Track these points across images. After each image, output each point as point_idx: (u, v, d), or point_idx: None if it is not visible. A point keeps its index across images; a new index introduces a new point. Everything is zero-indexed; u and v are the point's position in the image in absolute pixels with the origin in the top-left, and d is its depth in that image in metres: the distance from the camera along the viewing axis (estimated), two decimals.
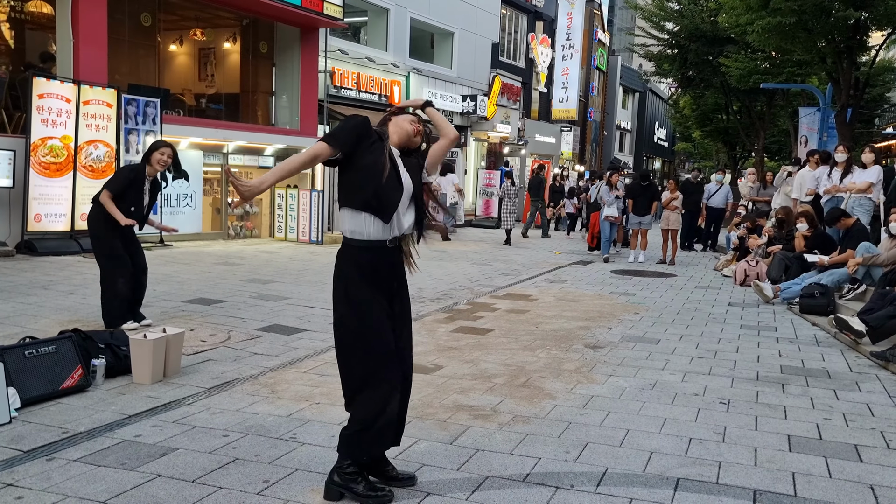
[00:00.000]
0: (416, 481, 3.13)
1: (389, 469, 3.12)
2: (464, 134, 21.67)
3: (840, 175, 9.56)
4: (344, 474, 2.95)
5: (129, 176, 5.80)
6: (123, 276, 5.73)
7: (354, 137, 2.91)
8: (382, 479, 3.09)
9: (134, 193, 5.78)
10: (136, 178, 5.80)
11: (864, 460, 3.59)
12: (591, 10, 33.23)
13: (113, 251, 5.75)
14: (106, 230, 5.72)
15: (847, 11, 15.10)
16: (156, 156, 5.80)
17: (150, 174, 5.86)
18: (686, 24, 25.93)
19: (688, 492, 3.15)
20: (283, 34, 14.74)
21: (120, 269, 5.73)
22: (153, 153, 5.81)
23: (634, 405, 4.38)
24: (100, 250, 5.79)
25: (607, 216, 12.82)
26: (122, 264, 5.75)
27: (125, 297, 5.74)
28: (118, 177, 5.88)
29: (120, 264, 5.74)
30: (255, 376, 4.69)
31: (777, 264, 9.42)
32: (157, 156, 5.80)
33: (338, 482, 2.95)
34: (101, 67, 10.75)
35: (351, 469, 2.94)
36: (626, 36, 43.79)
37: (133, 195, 5.77)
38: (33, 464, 3.21)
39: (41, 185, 9.82)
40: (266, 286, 8.22)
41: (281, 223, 13.88)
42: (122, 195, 5.71)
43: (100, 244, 5.78)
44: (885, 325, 5.90)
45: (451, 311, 7.36)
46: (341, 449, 2.97)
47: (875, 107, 30.44)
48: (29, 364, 3.97)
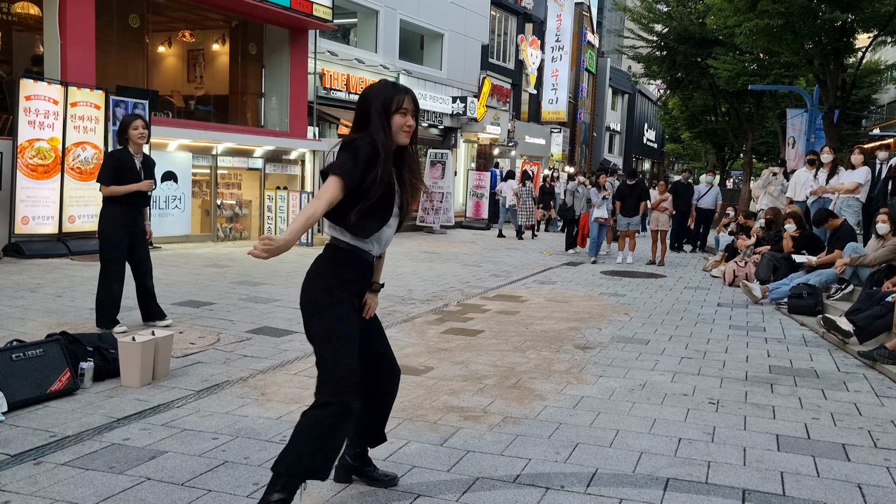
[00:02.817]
0: (397, 481, 3.14)
1: (370, 469, 3.13)
2: (453, 135, 21.68)
3: (826, 176, 9.63)
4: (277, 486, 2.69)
5: (115, 159, 5.71)
6: (119, 280, 5.73)
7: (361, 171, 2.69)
8: (365, 479, 3.11)
9: (129, 175, 5.69)
10: (123, 159, 5.69)
11: (852, 459, 3.62)
12: (581, 11, 33.33)
13: (114, 254, 5.74)
14: (114, 232, 5.72)
15: (834, 13, 15.21)
16: (131, 132, 5.65)
17: (136, 151, 5.74)
18: (674, 26, 26.05)
19: (677, 492, 3.16)
20: (273, 36, 14.71)
21: (117, 273, 5.73)
22: (127, 130, 5.66)
23: (624, 406, 4.39)
24: (103, 251, 5.78)
25: (597, 217, 12.86)
26: (120, 268, 5.75)
27: (117, 300, 5.74)
28: (105, 166, 5.77)
29: (118, 268, 5.74)
30: (245, 379, 4.67)
31: (765, 265, 9.47)
32: (132, 132, 5.65)
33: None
34: (88, 69, 10.70)
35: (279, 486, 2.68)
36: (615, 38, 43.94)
37: (129, 177, 5.69)
38: (21, 468, 3.18)
39: (28, 188, 9.75)
40: (255, 288, 8.20)
41: (270, 225, 13.83)
42: (118, 180, 5.64)
43: (105, 244, 5.78)
44: (873, 325, 5.95)
45: (441, 312, 7.36)
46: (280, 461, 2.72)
47: (862, 108, 30.69)
48: (16, 367, 3.93)
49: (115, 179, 5.64)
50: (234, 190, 13.76)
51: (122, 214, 5.73)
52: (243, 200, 13.90)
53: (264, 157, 13.98)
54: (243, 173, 13.81)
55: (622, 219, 12.84)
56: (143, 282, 5.91)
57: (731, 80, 22.42)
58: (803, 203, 10.44)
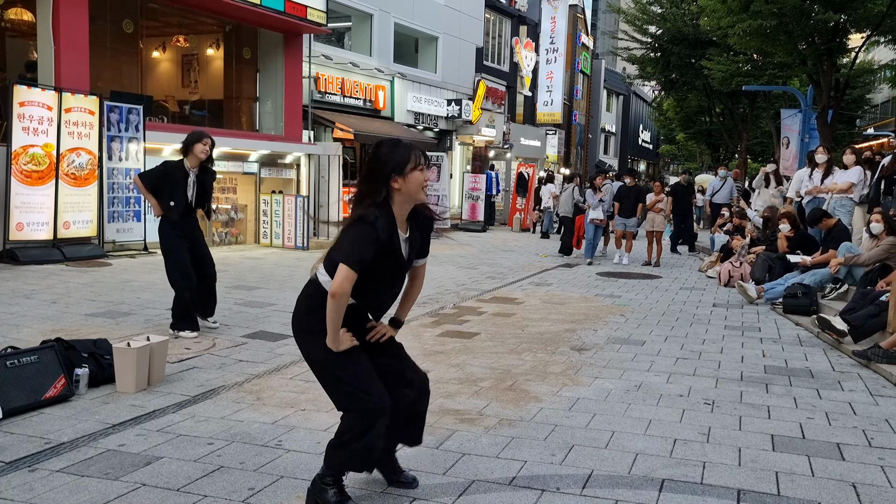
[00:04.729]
0: (416, 484, 3.17)
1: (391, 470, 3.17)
2: (449, 138, 21.70)
3: (821, 176, 9.67)
4: (320, 482, 2.92)
5: (161, 169, 5.82)
6: (190, 286, 5.83)
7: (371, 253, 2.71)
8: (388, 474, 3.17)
9: (169, 186, 5.77)
10: (170, 171, 5.79)
11: (847, 458, 3.63)
12: (575, 13, 33.37)
13: (176, 261, 5.83)
14: (168, 240, 5.83)
15: (826, 14, 15.28)
16: (198, 147, 5.77)
17: (193, 165, 5.83)
18: (668, 28, 26.15)
19: (673, 492, 3.17)
20: (267, 40, 14.71)
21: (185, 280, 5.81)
22: (195, 144, 5.77)
23: (620, 407, 4.40)
24: (167, 262, 5.89)
25: (592, 219, 12.88)
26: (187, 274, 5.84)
27: (192, 307, 5.87)
28: (152, 169, 5.94)
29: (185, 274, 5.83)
30: (241, 383, 4.67)
31: (760, 265, 9.49)
32: (197, 147, 5.77)
33: (312, 490, 2.95)
34: (82, 74, 10.68)
35: (328, 478, 2.91)
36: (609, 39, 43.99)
37: (168, 189, 5.77)
38: (15, 475, 3.18)
39: (23, 194, 9.73)
40: (251, 293, 8.19)
41: (266, 229, 13.83)
42: (156, 189, 5.76)
43: (165, 256, 5.89)
44: (867, 325, 5.97)
45: (437, 315, 7.36)
46: (325, 458, 2.94)
47: (856, 108, 30.82)
48: (11, 374, 3.93)
49: (153, 185, 5.77)
50: (229, 194, 13.74)
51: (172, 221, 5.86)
52: (238, 205, 13.89)
53: (259, 161, 13.97)
54: (238, 177, 13.80)
55: (619, 219, 12.90)
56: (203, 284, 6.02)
57: (725, 81, 22.51)
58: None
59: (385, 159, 2.78)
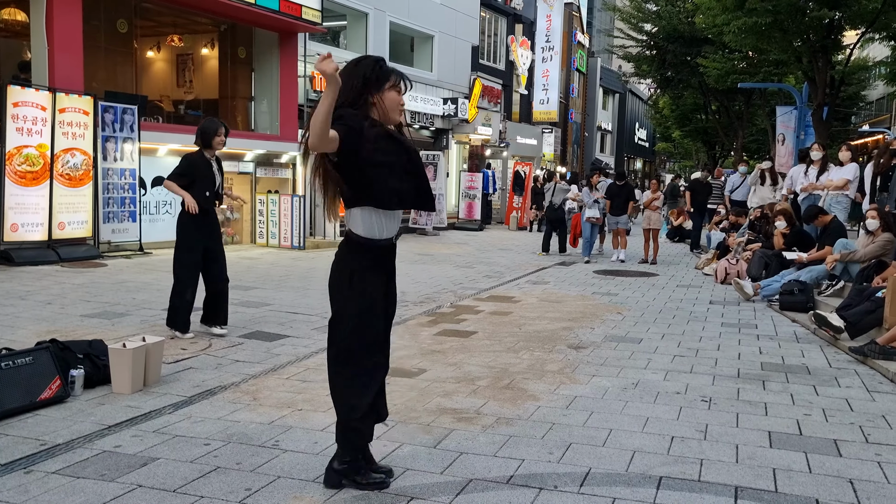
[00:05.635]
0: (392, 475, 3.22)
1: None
2: (445, 137, 21.68)
3: (816, 173, 9.68)
4: (343, 463, 3.07)
5: (187, 164, 5.80)
6: (192, 287, 5.80)
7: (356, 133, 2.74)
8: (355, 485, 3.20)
9: (202, 176, 5.77)
10: (197, 163, 5.79)
11: (844, 455, 3.63)
12: (570, 12, 33.37)
13: (187, 261, 5.78)
14: (186, 237, 5.80)
15: (821, 11, 15.31)
16: (217, 139, 5.78)
17: (211, 156, 5.86)
18: (664, 26, 26.18)
19: (670, 490, 3.17)
20: (262, 39, 14.67)
21: (191, 281, 5.79)
22: (214, 137, 5.76)
23: (617, 405, 4.40)
24: (177, 256, 5.84)
25: (588, 217, 12.91)
26: (193, 276, 5.81)
27: (190, 307, 5.82)
28: (180, 165, 5.87)
29: (192, 275, 5.80)
30: (237, 384, 4.66)
31: (757, 262, 9.50)
32: (218, 139, 5.78)
33: (338, 469, 3.08)
34: (76, 75, 10.64)
35: (349, 458, 3.05)
36: (605, 38, 44.02)
37: (200, 181, 5.76)
38: (10, 477, 3.16)
39: (17, 195, 9.70)
40: (247, 293, 8.17)
41: (262, 229, 13.81)
42: (192, 182, 5.72)
43: (178, 250, 5.84)
44: (863, 321, 5.98)
45: (434, 314, 7.35)
46: (339, 442, 3.08)
47: (851, 105, 30.88)
48: (5, 376, 3.91)
49: (188, 179, 5.73)
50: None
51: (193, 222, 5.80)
52: (234, 204, 13.85)
53: (255, 160, 13.95)
54: (234, 177, 13.76)
55: (611, 217, 12.97)
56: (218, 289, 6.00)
57: (720, 79, 22.54)
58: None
59: (363, 74, 2.82)
